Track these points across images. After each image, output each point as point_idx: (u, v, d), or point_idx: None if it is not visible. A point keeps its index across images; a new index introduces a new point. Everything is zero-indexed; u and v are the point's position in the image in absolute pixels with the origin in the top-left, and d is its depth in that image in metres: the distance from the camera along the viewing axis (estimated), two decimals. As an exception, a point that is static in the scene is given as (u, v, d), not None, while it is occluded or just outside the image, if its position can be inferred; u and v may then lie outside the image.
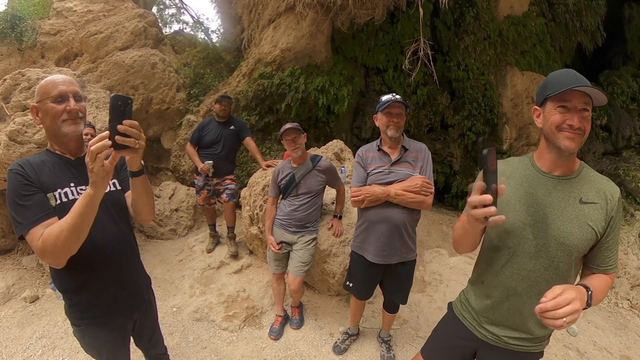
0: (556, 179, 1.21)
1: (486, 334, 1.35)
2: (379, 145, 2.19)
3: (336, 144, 3.91)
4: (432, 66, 4.67)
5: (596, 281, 1.17)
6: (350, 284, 2.41)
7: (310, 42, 5.23)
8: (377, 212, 2.12)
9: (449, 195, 6.55)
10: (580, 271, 1.28)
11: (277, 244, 2.67)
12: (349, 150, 3.99)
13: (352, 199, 2.16)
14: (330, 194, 3.17)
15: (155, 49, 5.53)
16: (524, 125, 6.09)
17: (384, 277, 2.36)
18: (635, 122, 6.30)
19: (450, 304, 1.58)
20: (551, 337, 1.36)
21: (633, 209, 4.97)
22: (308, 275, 3.19)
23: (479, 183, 1.01)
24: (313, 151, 3.68)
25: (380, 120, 2.14)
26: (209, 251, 4.00)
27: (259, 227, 3.47)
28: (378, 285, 2.47)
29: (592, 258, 1.22)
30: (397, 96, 2.07)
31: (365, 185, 2.15)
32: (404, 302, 2.44)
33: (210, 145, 3.74)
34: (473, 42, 5.75)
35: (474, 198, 1.01)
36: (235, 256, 3.86)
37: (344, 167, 3.53)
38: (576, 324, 3.28)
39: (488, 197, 0.98)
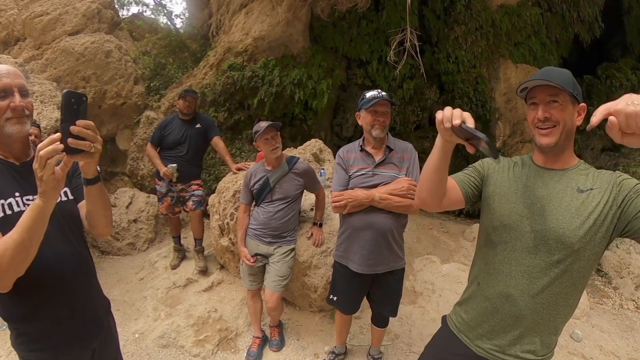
0: (553, 171, 1.30)
1: (485, 347, 1.38)
2: (361, 145, 2.23)
3: (314, 144, 3.94)
4: (420, 58, 4.79)
5: None
6: (334, 298, 2.44)
7: (286, 30, 5.26)
8: (360, 218, 2.16)
9: (438, 197, 6.68)
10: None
11: (252, 256, 2.66)
12: (329, 150, 4.03)
13: (333, 204, 2.19)
14: (308, 199, 3.19)
15: (110, 34, 5.44)
16: (518, 121, 6.33)
17: (371, 289, 2.40)
18: None
19: (444, 318, 1.62)
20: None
21: None
22: (287, 290, 3.19)
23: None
24: (289, 152, 3.70)
25: (364, 118, 2.18)
26: (174, 267, 3.96)
27: (230, 239, 3.46)
28: (365, 298, 2.51)
29: (637, 227, 1.14)
30: (383, 93, 2.12)
31: (347, 189, 2.19)
32: (394, 315, 2.49)
33: (173, 146, 3.71)
34: (464, 33, 5.93)
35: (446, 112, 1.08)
36: (204, 272, 3.83)
37: (323, 169, 3.56)
38: (580, 329, 3.47)
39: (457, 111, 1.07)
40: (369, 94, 2.15)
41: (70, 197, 1.41)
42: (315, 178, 2.77)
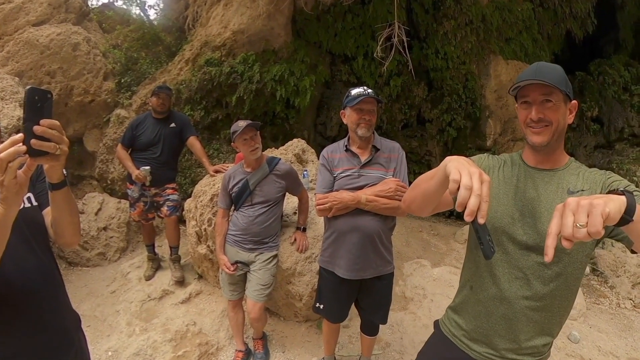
0: (543, 171, 1.34)
1: (480, 351, 1.42)
2: (346, 145, 2.26)
3: (297, 144, 3.96)
4: (408, 54, 4.84)
5: None
6: (321, 306, 2.45)
7: (267, 24, 5.27)
8: (346, 221, 2.18)
9: (427, 199, 6.79)
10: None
11: (231, 264, 2.65)
12: (312, 150, 4.05)
13: (317, 207, 2.20)
14: (291, 202, 3.19)
15: (78, 25, 5.36)
16: (509, 119, 6.48)
17: (359, 295, 2.42)
18: (628, 113, 6.93)
19: (436, 322, 1.65)
20: (552, 347, 1.46)
21: None
22: (270, 299, 3.19)
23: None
24: (270, 153, 3.71)
25: (349, 117, 2.20)
26: (148, 278, 3.93)
27: (208, 246, 3.44)
28: (353, 305, 2.53)
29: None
30: (369, 90, 2.14)
31: (331, 191, 2.21)
32: (384, 322, 2.51)
33: (146, 147, 3.69)
34: (453, 28, 6.06)
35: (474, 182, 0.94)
36: (181, 282, 3.81)
37: (306, 170, 3.58)
38: (577, 330, 3.57)
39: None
40: (355, 91, 2.17)
41: (34, 203, 1.38)
42: (297, 180, 2.77)
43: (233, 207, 2.77)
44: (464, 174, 0.94)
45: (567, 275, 1.29)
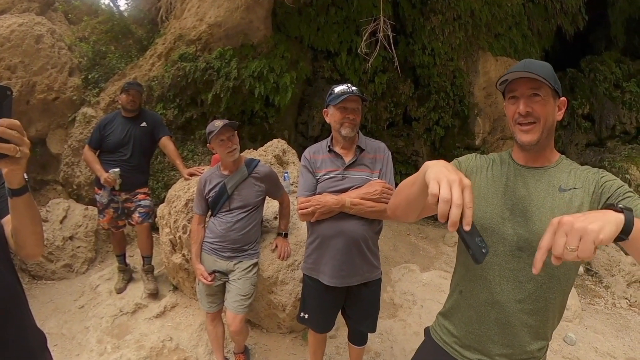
0: (534, 169, 1.37)
1: (473, 358, 1.44)
2: (329, 146, 2.28)
3: (277, 145, 3.97)
4: (393, 50, 4.91)
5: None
6: (306, 316, 2.45)
7: (245, 17, 5.27)
8: (330, 226, 2.20)
9: (415, 200, 6.86)
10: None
11: (209, 274, 2.64)
12: (293, 151, 4.07)
13: (299, 211, 2.21)
14: (271, 207, 3.20)
15: (41, 16, 5.27)
16: (498, 117, 6.62)
17: (345, 303, 2.44)
18: (619, 110, 7.17)
19: (427, 330, 1.67)
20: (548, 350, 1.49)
21: None
22: (251, 311, 3.17)
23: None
24: (248, 154, 3.72)
25: (332, 115, 2.22)
26: (120, 291, 3.89)
27: (183, 255, 3.42)
28: (340, 314, 2.54)
29: None
30: (354, 88, 2.16)
31: (314, 194, 2.22)
32: (373, 331, 2.53)
33: (115, 148, 3.66)
34: (441, 23, 6.16)
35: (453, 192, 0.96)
36: (154, 295, 3.78)
37: (287, 172, 3.60)
38: (573, 331, 3.67)
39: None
40: (338, 88, 2.19)
41: None
42: (278, 183, 2.79)
43: (209, 213, 2.75)
44: (443, 185, 0.95)
45: (559, 277, 1.32)
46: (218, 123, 2.49)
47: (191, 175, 3.61)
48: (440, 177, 0.97)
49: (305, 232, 2.56)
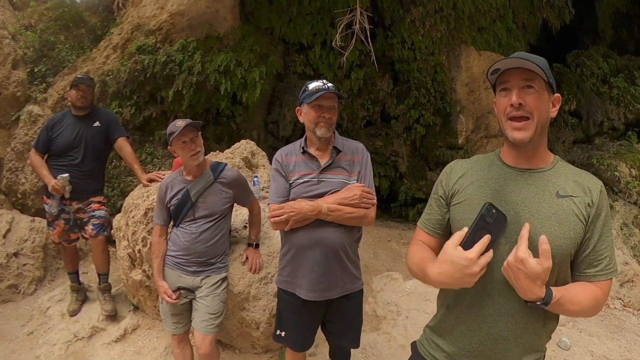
0: (526, 172, 1.36)
1: None
2: (303, 147, 2.26)
3: (245, 146, 3.96)
4: (371, 43, 4.95)
5: (572, 286, 1.32)
6: (282, 333, 2.42)
7: (211, 5, 5.26)
8: (306, 235, 2.18)
9: (395, 204, 6.95)
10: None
11: (173, 291, 2.60)
12: (263, 154, 4.07)
13: (271, 219, 2.19)
14: (240, 214, 3.19)
15: (-19, 0, 5.21)
16: (482, 115, 6.77)
17: (325, 318, 2.42)
18: (607, 106, 7.44)
19: (414, 344, 1.67)
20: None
21: (612, 200, 5.82)
22: (222, 330, 3.14)
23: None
24: (214, 157, 3.70)
25: (306, 114, 2.21)
26: (73, 313, 3.82)
27: (144, 270, 3.37)
28: (320, 330, 2.52)
29: (576, 263, 1.35)
30: (329, 84, 2.16)
31: (288, 200, 2.20)
32: (356, 346, 2.52)
33: (64, 151, 3.60)
34: (422, 15, 6.25)
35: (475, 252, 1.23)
36: (113, 317, 3.74)
37: (257, 177, 3.59)
38: (567, 336, 3.78)
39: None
40: (313, 85, 2.18)
41: None
42: (247, 188, 2.78)
43: (172, 223, 2.72)
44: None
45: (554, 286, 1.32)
46: (180, 123, 2.47)
47: (151, 181, 3.58)
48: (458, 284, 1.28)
49: (279, 242, 2.57)
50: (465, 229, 1.26)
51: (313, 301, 2.24)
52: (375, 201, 2.21)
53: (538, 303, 1.21)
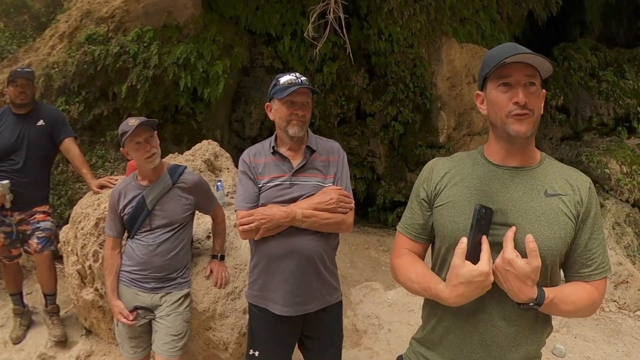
0: (513, 170, 1.39)
1: None
2: (273, 147, 2.24)
3: (208, 147, 3.94)
4: (345, 34, 4.97)
5: (566, 286, 1.37)
6: (256, 353, 2.37)
7: (170, -9, 5.24)
8: (279, 244, 2.16)
9: (373, 208, 7.03)
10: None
11: (130, 311, 2.54)
12: (228, 155, 4.06)
13: (239, 227, 2.17)
14: (203, 223, 3.17)
15: None
16: (464, 111, 6.91)
17: (303, 334, 2.40)
18: (596, 101, 7.72)
19: (400, 358, 1.67)
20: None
21: (603, 199, 6.01)
22: (186, 353, 3.05)
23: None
24: (172, 159, 3.65)
25: (276, 111, 2.19)
26: (17, 340, 3.77)
27: (96, 289, 3.30)
28: (297, 347, 2.49)
29: (569, 264, 1.40)
30: (303, 78, 2.14)
31: (257, 205, 2.17)
32: None
33: (4, 155, 3.56)
34: (400, 5, 6.31)
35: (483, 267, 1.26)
36: (63, 342, 3.68)
37: (220, 181, 3.56)
38: (561, 342, 3.86)
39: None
40: (284, 79, 2.16)
41: None
42: (209, 193, 2.78)
43: (126, 235, 2.68)
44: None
45: (546, 285, 1.35)
46: (133, 122, 2.42)
47: (102, 187, 3.51)
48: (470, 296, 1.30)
49: (247, 253, 2.56)
50: (465, 240, 1.28)
51: (289, 316, 2.22)
52: (353, 205, 2.21)
53: (531, 304, 1.24)
